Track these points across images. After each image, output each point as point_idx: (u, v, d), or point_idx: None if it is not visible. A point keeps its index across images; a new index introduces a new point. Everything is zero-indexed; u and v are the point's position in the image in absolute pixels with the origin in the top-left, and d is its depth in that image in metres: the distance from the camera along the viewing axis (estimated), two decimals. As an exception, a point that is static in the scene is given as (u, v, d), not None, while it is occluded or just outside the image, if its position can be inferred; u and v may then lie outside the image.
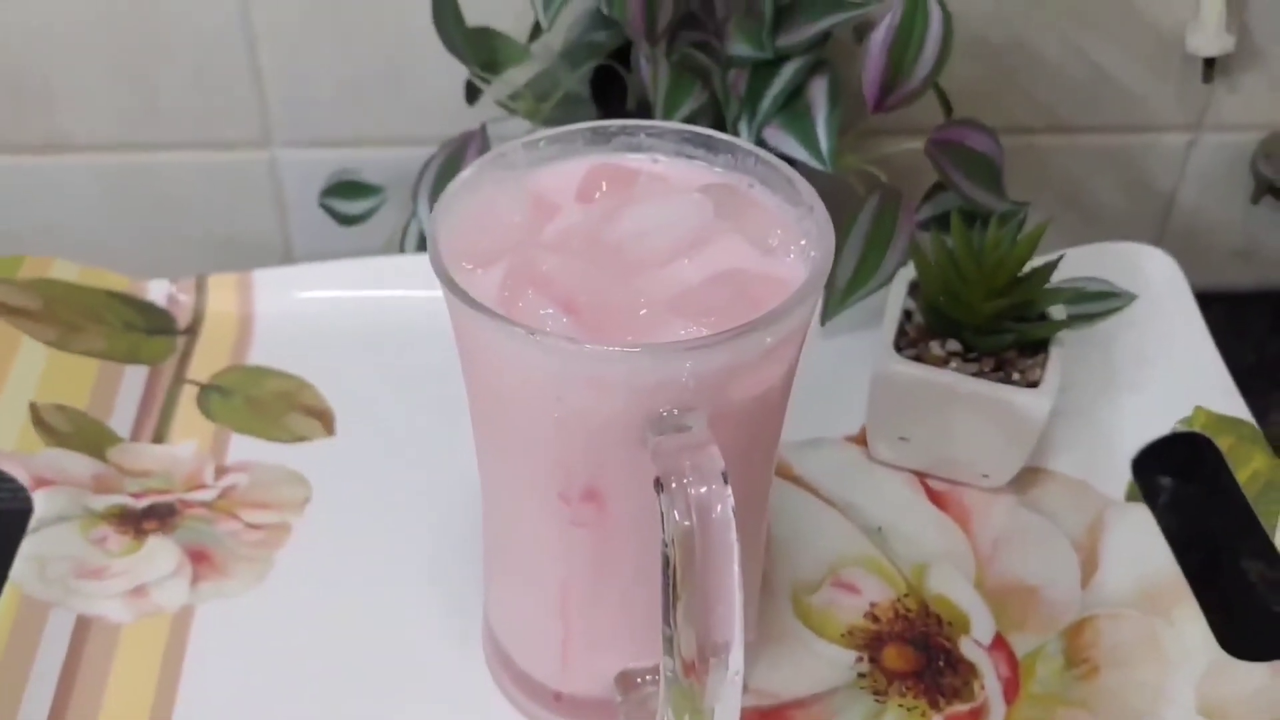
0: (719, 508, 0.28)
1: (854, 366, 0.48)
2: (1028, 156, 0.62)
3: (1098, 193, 0.64)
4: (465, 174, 0.33)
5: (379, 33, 0.57)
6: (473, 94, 0.55)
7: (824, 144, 0.47)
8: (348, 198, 0.58)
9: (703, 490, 0.28)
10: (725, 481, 0.28)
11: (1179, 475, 0.48)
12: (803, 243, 0.32)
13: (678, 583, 0.28)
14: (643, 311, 0.30)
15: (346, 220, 0.58)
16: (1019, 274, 0.44)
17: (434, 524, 0.44)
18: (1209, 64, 0.58)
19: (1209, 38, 0.57)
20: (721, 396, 0.30)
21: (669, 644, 0.29)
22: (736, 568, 0.28)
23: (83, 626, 0.40)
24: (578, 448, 0.31)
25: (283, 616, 0.41)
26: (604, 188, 0.34)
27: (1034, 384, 0.44)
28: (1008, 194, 0.51)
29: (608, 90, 0.54)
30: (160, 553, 0.43)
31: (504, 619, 0.38)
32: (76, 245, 0.61)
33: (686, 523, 0.28)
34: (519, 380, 0.31)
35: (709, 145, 0.35)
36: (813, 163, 0.47)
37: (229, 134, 0.60)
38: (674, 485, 0.28)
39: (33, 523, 0.43)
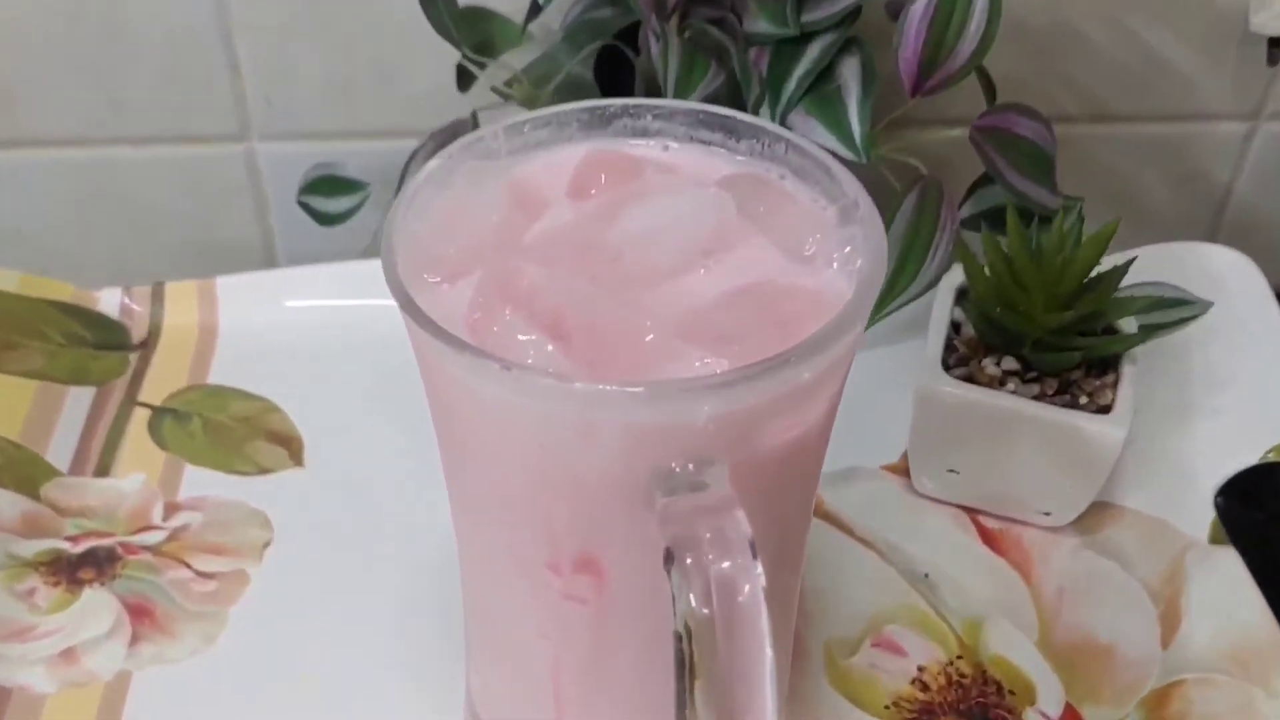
0: (746, 588, 0.23)
1: (893, 386, 0.45)
2: (1069, 148, 0.60)
3: (1145, 187, 0.63)
4: (433, 164, 0.30)
5: (364, 18, 0.56)
6: (465, 80, 0.54)
7: (856, 130, 0.45)
8: (328, 194, 0.56)
9: (725, 566, 0.23)
10: (754, 554, 0.23)
11: (1271, 512, 0.45)
12: (846, 249, 0.28)
13: (693, 682, 0.23)
14: (649, 337, 0.26)
15: (326, 220, 0.57)
16: (1085, 280, 0.41)
17: (413, 574, 0.41)
18: (1274, 44, 0.56)
19: (1276, 14, 0.54)
20: (746, 446, 0.26)
21: (682, 753, 0.24)
22: (769, 664, 0.23)
23: (0, 699, 0.37)
24: (567, 508, 0.27)
25: (234, 686, 0.38)
26: (602, 180, 0.30)
27: (1105, 408, 0.41)
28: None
29: (614, 74, 0.53)
30: (96, 608, 0.40)
31: (487, 697, 0.34)
32: (39, 250, 0.60)
33: (705, 610, 0.23)
34: (493, 425, 0.26)
35: (729, 128, 0.32)
36: (843, 152, 0.45)
37: (203, 128, 0.59)
38: (688, 560, 0.23)
39: (-51, 575, 0.40)
